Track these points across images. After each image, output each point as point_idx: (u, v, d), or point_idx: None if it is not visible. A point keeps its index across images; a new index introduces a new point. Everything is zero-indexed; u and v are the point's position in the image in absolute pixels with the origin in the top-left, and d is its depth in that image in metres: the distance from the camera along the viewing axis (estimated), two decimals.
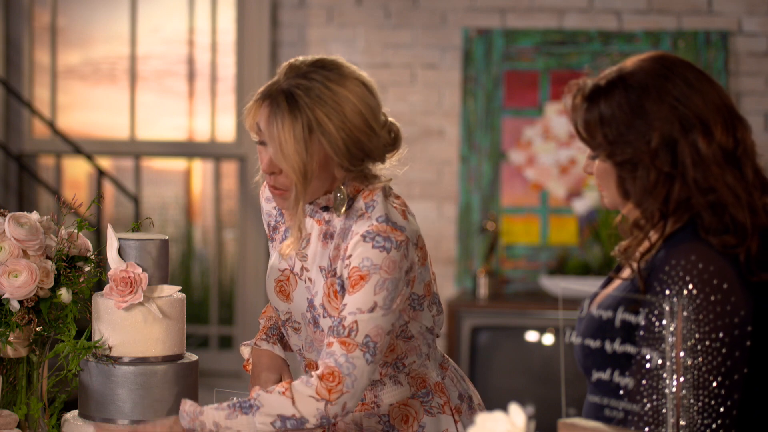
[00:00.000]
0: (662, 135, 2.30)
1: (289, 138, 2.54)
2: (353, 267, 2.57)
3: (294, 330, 2.77)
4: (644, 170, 2.31)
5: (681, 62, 2.37)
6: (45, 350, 2.73)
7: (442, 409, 2.77)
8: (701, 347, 2.21)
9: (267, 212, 2.85)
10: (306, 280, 2.71)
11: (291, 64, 2.63)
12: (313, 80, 2.57)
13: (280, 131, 2.54)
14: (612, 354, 2.21)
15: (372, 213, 2.63)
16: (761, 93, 5.93)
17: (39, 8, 6.46)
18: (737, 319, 2.24)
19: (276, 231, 2.82)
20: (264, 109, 2.58)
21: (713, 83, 2.36)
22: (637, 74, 2.35)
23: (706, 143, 2.30)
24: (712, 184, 2.29)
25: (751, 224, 2.29)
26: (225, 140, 6.39)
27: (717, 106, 2.33)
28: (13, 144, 6.39)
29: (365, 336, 2.54)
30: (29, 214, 2.70)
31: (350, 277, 2.57)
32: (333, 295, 2.65)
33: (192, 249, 6.58)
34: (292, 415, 2.51)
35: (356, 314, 2.54)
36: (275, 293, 2.77)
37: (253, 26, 6.19)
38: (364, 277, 2.55)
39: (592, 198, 5.91)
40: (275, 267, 2.77)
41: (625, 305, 2.29)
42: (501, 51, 6.01)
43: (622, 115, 2.33)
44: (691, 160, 2.30)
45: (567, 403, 2.31)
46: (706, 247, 2.27)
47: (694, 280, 2.23)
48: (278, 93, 2.56)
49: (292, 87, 2.56)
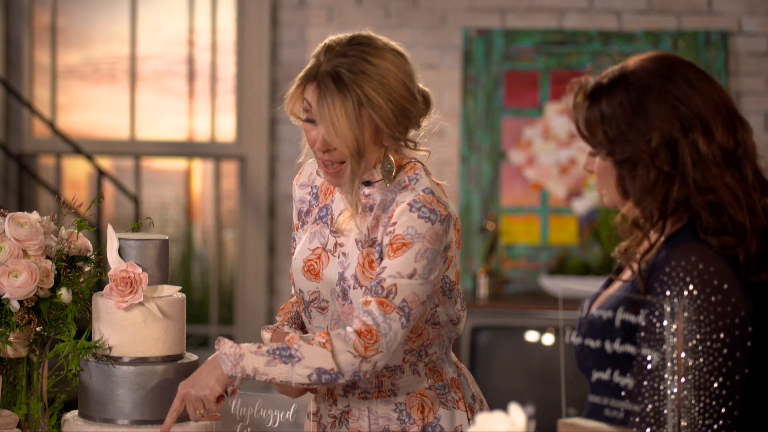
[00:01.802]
0: (662, 134, 2.30)
1: (341, 116, 2.62)
2: (397, 234, 2.64)
3: (320, 310, 2.80)
4: (644, 169, 2.31)
5: (683, 62, 2.37)
6: (45, 350, 2.73)
7: (457, 405, 2.81)
8: (702, 348, 2.21)
9: (300, 198, 2.90)
10: (339, 255, 2.76)
11: (327, 45, 2.70)
12: (354, 57, 2.65)
13: (332, 111, 2.62)
14: (612, 354, 2.21)
15: (416, 185, 2.71)
16: (761, 93, 5.93)
17: (39, 8, 6.46)
18: (738, 320, 2.24)
19: (308, 215, 2.86)
20: (312, 91, 2.66)
21: (714, 83, 2.36)
22: (639, 73, 2.35)
23: (706, 143, 2.30)
24: (712, 184, 2.29)
25: (750, 225, 2.29)
26: (225, 140, 6.39)
27: (717, 107, 2.33)
28: (13, 144, 6.39)
29: (402, 300, 2.60)
30: (29, 214, 2.70)
31: (392, 244, 2.64)
32: (368, 265, 2.71)
33: (192, 249, 6.58)
34: (331, 369, 2.57)
35: (396, 278, 2.61)
36: (302, 273, 2.80)
37: (253, 26, 6.19)
38: (408, 244, 2.62)
39: (592, 198, 5.91)
40: (305, 247, 2.82)
41: (626, 306, 2.29)
42: (501, 51, 6.01)
43: (623, 113, 2.33)
44: (690, 160, 2.30)
45: (567, 403, 2.31)
46: (706, 248, 2.27)
47: (694, 281, 2.23)
48: (324, 75, 2.65)
49: (336, 67, 2.64)
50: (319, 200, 2.86)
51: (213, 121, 6.42)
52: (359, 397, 2.79)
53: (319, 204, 2.85)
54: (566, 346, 2.80)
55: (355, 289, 2.71)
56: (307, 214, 2.87)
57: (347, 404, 2.81)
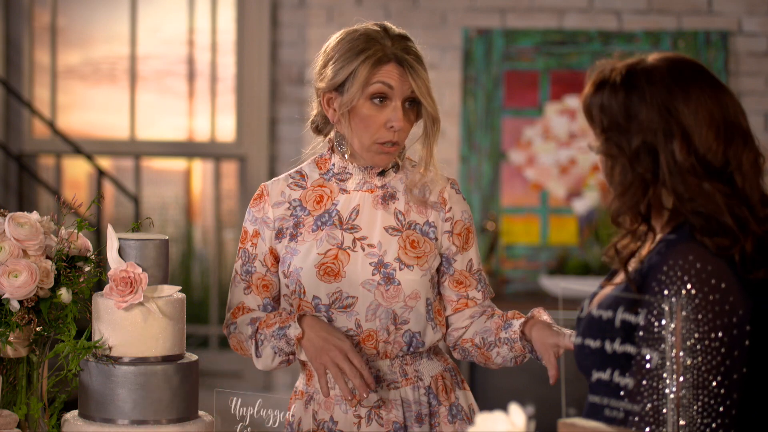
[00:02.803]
0: (644, 139, 2.31)
1: (430, 87, 2.90)
2: (456, 220, 2.97)
3: (343, 309, 2.88)
4: (622, 169, 2.33)
5: (694, 69, 2.35)
6: (45, 350, 2.73)
7: (463, 386, 3.01)
8: (700, 347, 2.21)
9: (278, 217, 2.95)
10: (364, 248, 2.90)
11: (371, 31, 2.89)
12: (409, 41, 2.93)
13: (426, 83, 2.89)
14: (612, 354, 2.21)
15: (421, 162, 2.94)
16: (761, 93, 5.93)
17: (39, 8, 6.46)
18: (736, 319, 2.24)
19: (300, 226, 2.94)
20: (391, 71, 2.87)
21: (721, 95, 2.34)
22: (647, 74, 2.35)
23: (685, 153, 2.30)
24: (692, 194, 2.29)
25: (739, 230, 2.28)
26: (225, 140, 6.39)
27: (712, 119, 2.32)
28: (13, 144, 6.39)
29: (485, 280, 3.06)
30: (29, 214, 2.70)
31: (458, 233, 2.97)
32: (410, 246, 2.91)
33: (192, 249, 6.58)
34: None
35: (482, 267, 3.03)
36: (318, 278, 2.88)
37: (253, 26, 6.19)
38: (470, 228, 3.00)
39: (592, 198, 5.91)
40: (311, 254, 2.89)
41: (625, 305, 2.29)
42: (501, 51, 6.01)
43: (616, 108, 2.34)
44: (667, 168, 2.30)
45: (567, 403, 2.32)
46: (704, 248, 2.27)
47: (692, 280, 2.23)
48: (402, 55, 2.87)
49: (407, 48, 2.90)
50: (308, 210, 2.94)
51: (213, 121, 6.42)
52: (389, 389, 2.89)
53: (311, 214, 2.94)
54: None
55: (401, 270, 2.89)
56: (296, 226, 2.94)
57: (378, 399, 2.88)
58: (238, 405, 2.62)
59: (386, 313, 2.88)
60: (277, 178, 3.00)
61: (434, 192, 2.95)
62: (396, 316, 2.88)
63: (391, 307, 2.88)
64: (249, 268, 2.96)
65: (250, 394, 2.65)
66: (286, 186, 2.97)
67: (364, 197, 2.93)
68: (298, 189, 2.96)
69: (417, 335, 2.90)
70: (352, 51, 2.86)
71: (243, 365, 6.20)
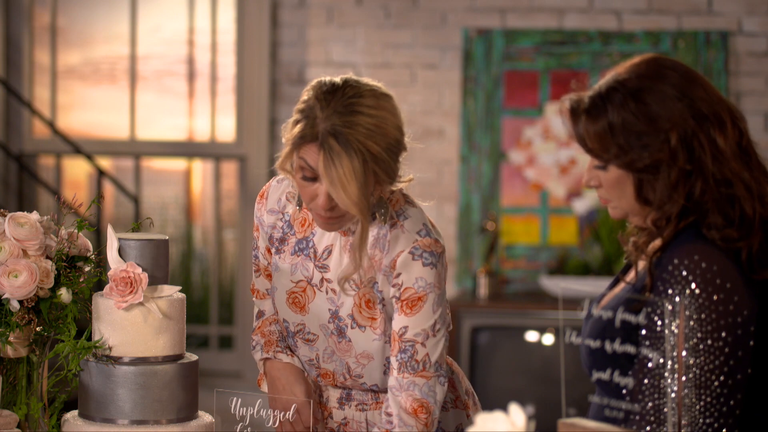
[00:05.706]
0: (679, 133, 2.29)
1: (351, 178, 2.51)
2: (406, 287, 2.64)
3: (306, 341, 2.80)
4: (666, 171, 2.30)
5: (672, 61, 2.37)
6: (45, 350, 2.73)
7: (455, 404, 2.84)
8: (703, 347, 2.21)
9: (270, 224, 2.85)
10: (327, 291, 2.74)
11: (319, 97, 2.57)
12: (355, 113, 2.53)
13: (341, 174, 2.51)
14: (613, 354, 2.21)
15: (407, 224, 2.67)
16: (761, 93, 5.93)
17: (39, 8, 6.46)
18: (740, 319, 2.23)
19: (284, 243, 2.82)
20: (312, 153, 2.56)
21: (705, 78, 2.36)
22: (634, 79, 2.35)
23: (723, 137, 2.30)
24: (728, 177, 2.29)
25: (759, 217, 2.29)
26: (225, 140, 6.39)
27: (720, 99, 2.34)
28: (13, 144, 6.39)
29: (435, 362, 2.65)
30: (29, 214, 2.70)
31: (404, 299, 2.64)
32: (365, 305, 2.70)
33: (192, 249, 6.58)
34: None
35: (423, 339, 2.64)
36: (287, 305, 2.80)
37: (253, 26, 6.19)
38: (422, 297, 2.64)
39: (592, 198, 5.90)
40: (286, 278, 2.79)
41: (626, 306, 2.29)
42: (501, 51, 6.01)
43: (633, 120, 2.31)
44: (710, 155, 2.29)
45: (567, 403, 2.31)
46: (710, 247, 2.27)
47: (697, 280, 2.23)
48: (326, 135, 2.53)
49: (337, 126, 2.52)
50: (294, 230, 2.80)
51: (213, 121, 6.42)
52: (356, 409, 2.80)
53: (296, 235, 2.80)
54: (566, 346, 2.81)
55: (353, 329, 2.71)
56: (281, 242, 2.82)
57: (344, 417, 2.81)
58: (238, 405, 2.62)
59: (341, 362, 2.77)
60: (282, 180, 2.87)
61: (390, 254, 2.66)
62: (350, 368, 2.77)
63: (344, 359, 2.75)
64: (257, 254, 2.89)
65: (250, 394, 2.64)
66: (284, 194, 2.85)
67: (337, 238, 2.73)
68: (292, 201, 2.82)
69: (375, 386, 2.78)
70: (294, 115, 2.62)
71: (243, 365, 6.20)
